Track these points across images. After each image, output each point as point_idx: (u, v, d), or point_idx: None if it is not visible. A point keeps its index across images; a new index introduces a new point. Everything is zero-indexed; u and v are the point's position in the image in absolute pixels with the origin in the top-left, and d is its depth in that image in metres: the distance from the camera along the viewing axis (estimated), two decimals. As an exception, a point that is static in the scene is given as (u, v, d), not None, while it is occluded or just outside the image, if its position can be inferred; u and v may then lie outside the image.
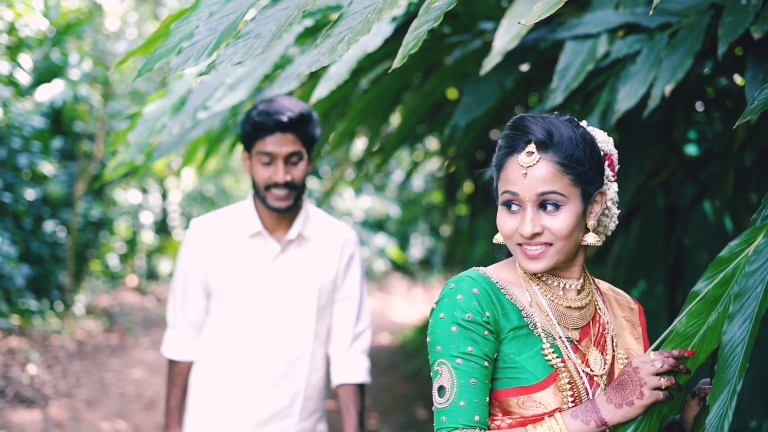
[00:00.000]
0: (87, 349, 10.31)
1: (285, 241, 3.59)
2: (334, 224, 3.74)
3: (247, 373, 3.60)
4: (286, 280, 3.61)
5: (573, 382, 2.17)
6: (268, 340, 3.59)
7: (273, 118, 3.43)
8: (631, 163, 3.66)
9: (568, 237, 2.16)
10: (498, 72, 3.75)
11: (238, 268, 3.59)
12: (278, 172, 3.45)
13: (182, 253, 3.69)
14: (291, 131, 3.46)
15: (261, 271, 3.59)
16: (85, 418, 7.79)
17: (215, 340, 3.65)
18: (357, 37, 2.26)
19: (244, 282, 3.58)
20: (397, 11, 3.77)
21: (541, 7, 2.11)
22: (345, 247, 3.70)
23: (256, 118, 3.45)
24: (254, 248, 3.60)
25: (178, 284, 3.70)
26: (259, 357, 3.59)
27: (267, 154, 3.45)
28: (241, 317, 3.60)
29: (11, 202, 9.21)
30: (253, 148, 3.48)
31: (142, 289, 15.47)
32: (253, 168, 3.51)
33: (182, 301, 3.67)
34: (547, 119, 2.19)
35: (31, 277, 9.77)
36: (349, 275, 3.70)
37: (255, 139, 3.47)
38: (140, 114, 4.20)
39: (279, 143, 3.45)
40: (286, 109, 3.45)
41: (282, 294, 3.60)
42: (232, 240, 3.61)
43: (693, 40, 3.26)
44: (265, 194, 3.50)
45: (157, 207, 15.93)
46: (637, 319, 2.40)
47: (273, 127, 3.43)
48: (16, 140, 9.24)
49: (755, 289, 2.05)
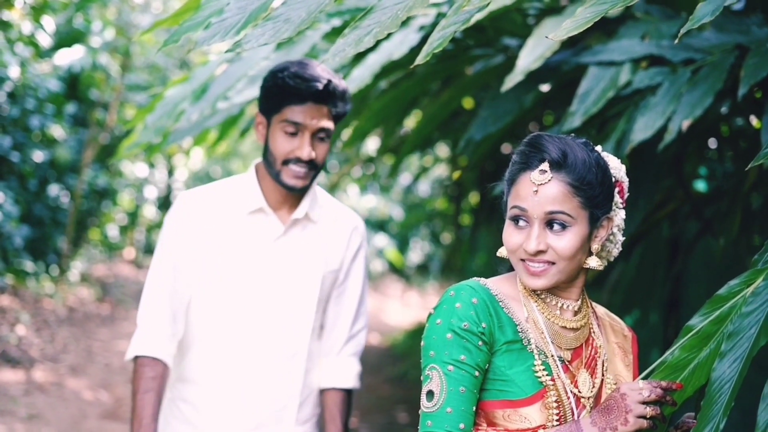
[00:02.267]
0: (77, 316, 10.34)
1: (290, 220, 3.18)
2: (342, 210, 3.35)
3: (236, 371, 3.16)
4: (288, 265, 3.19)
5: (560, 401, 2.19)
6: (262, 332, 3.17)
7: (309, 84, 3.02)
8: (640, 193, 3.68)
9: (571, 258, 2.18)
10: (518, 90, 3.77)
11: (234, 247, 3.15)
12: (303, 147, 3.04)
13: (167, 231, 3.18)
14: (326, 103, 3.06)
15: (260, 252, 3.17)
16: (69, 384, 7.82)
17: (197, 332, 3.18)
18: (384, 31, 2.27)
19: (239, 264, 3.15)
20: (426, 20, 3.79)
21: (570, 24, 2.14)
22: (353, 236, 3.32)
23: (289, 81, 3.02)
24: (254, 226, 3.17)
25: (161, 268, 3.16)
26: (251, 351, 3.16)
27: (294, 124, 3.04)
28: (233, 305, 3.15)
29: (19, 162, 9.23)
30: (277, 114, 3.06)
31: (138, 263, 15.52)
32: (273, 136, 3.08)
33: (166, 288, 3.13)
34: (563, 140, 2.21)
35: (30, 239, 9.80)
36: (354, 269, 3.32)
37: (282, 104, 3.04)
38: (161, 96, 4.20)
39: (310, 114, 3.04)
40: (323, 78, 3.04)
41: (282, 280, 3.18)
42: (229, 216, 3.17)
43: (715, 78, 3.28)
44: (281, 168, 3.08)
45: (162, 183, 15.99)
46: (629, 347, 2.42)
47: (307, 95, 3.02)
48: (30, 101, 9.27)
49: (749, 330, 2.08)
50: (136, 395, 3.03)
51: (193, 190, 3.22)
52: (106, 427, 6.99)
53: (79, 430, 6.80)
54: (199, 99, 3.97)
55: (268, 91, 3.08)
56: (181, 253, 3.14)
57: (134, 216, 14.97)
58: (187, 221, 3.15)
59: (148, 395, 3.02)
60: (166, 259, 3.15)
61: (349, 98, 3.16)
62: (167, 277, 3.14)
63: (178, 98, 4.05)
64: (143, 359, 3.06)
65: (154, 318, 3.10)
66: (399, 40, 3.72)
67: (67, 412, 7.11)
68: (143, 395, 3.02)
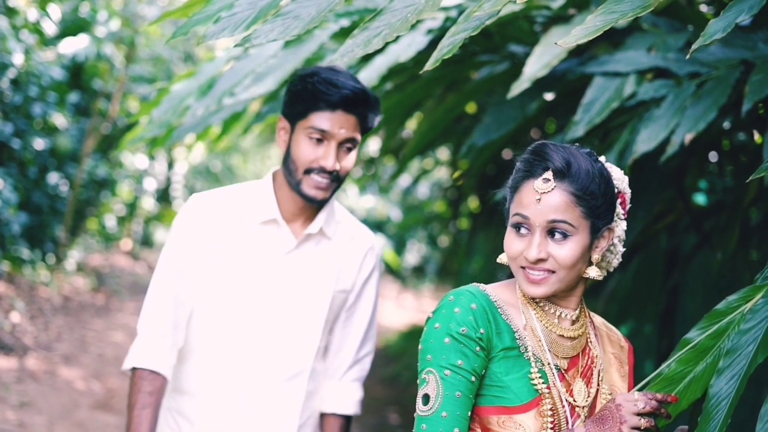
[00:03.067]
0: (72, 305, 10.34)
1: (303, 234, 3.03)
2: (358, 227, 3.20)
3: (235, 386, 3.02)
4: (297, 281, 3.04)
5: (555, 410, 2.20)
6: (265, 349, 3.02)
7: (341, 91, 2.87)
8: (640, 204, 3.69)
9: (571, 267, 2.19)
10: (522, 97, 3.78)
11: (242, 258, 3.01)
12: (329, 157, 2.89)
13: (176, 235, 3.03)
14: (355, 113, 2.91)
15: (269, 265, 3.01)
16: (61, 373, 7.82)
17: (198, 342, 3.04)
18: (393, 33, 2.28)
19: (247, 275, 3.00)
20: (434, 24, 3.79)
21: (579, 32, 2.15)
22: (368, 257, 3.18)
23: (319, 86, 2.87)
24: (265, 237, 3.02)
25: (166, 273, 3.01)
26: (252, 368, 3.02)
27: (320, 131, 2.88)
28: (236, 317, 3.01)
29: (19, 149, 9.23)
30: (303, 120, 2.90)
31: (134, 254, 15.52)
32: (296, 143, 2.92)
33: (169, 295, 2.98)
34: (567, 149, 2.22)
35: (28, 226, 9.80)
36: (366, 292, 3.19)
37: (309, 110, 2.88)
38: (167, 90, 4.20)
39: (339, 123, 2.88)
40: (354, 86, 2.90)
41: (290, 296, 3.03)
42: (240, 224, 3.02)
43: (720, 93, 3.29)
44: (303, 177, 2.92)
45: (161, 175, 15.99)
46: (625, 358, 2.43)
47: (337, 101, 2.86)
48: (33, 88, 9.26)
49: (747, 347, 2.09)
50: (133, 410, 2.91)
51: (206, 194, 3.07)
52: (98, 418, 6.99)
53: (70, 419, 6.80)
54: (205, 95, 3.97)
55: (295, 96, 2.93)
56: (187, 259, 3.00)
57: (133, 207, 14.97)
58: (197, 226, 3.00)
59: (145, 412, 2.90)
60: (171, 263, 3.01)
61: (380, 111, 3.02)
62: (171, 283, 2.99)
63: (184, 93, 4.05)
64: (142, 372, 2.93)
65: (156, 327, 2.97)
66: (407, 42, 3.73)
67: (59, 401, 7.11)
68: (140, 411, 2.90)
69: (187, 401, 3.05)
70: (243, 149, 17.28)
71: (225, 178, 17.71)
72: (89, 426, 6.77)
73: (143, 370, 2.93)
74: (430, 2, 2.28)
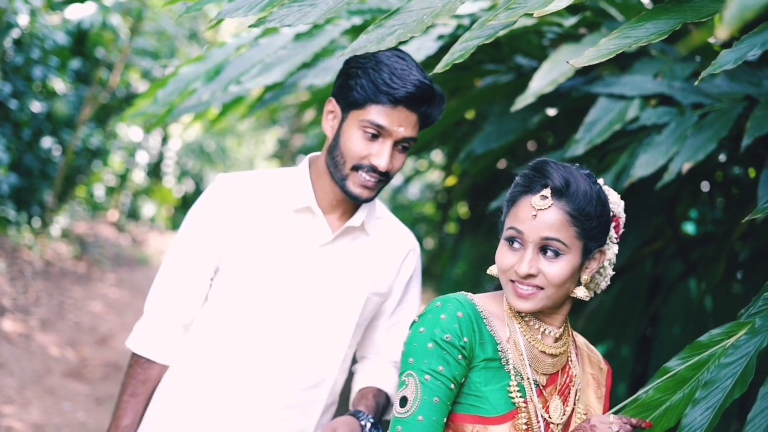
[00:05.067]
0: (53, 270, 10.32)
1: (343, 227, 2.72)
2: (399, 226, 2.89)
3: (248, 391, 2.70)
4: (331, 277, 2.73)
5: (530, 424, 2.22)
6: (287, 351, 2.70)
7: (406, 87, 2.55)
8: (632, 229, 3.71)
9: (560, 285, 2.20)
10: (525, 110, 3.79)
11: (273, 248, 2.70)
12: (383, 155, 2.58)
13: (200, 216, 2.74)
14: (418, 111, 2.59)
15: (302, 258, 2.71)
16: (37, 338, 7.80)
17: (207, 342, 2.74)
18: (408, 34, 2.29)
19: (277, 268, 2.69)
20: (445, 30, 3.80)
21: (592, 53, 2.17)
22: (409, 258, 2.87)
23: (385, 77, 2.55)
24: (299, 227, 2.71)
25: (184, 255, 2.74)
26: (269, 370, 2.70)
27: (377, 127, 2.57)
28: (258, 314, 2.69)
29: (16, 110, 9.20)
30: (358, 111, 2.59)
31: (120, 226, 15.49)
32: (347, 134, 2.61)
33: (182, 281, 2.73)
34: (568, 169, 2.23)
35: (17, 188, 9.77)
36: (409, 297, 2.88)
37: (368, 101, 2.56)
38: (176, 73, 4.20)
39: (399, 120, 2.57)
40: (421, 80, 2.57)
41: (322, 293, 2.72)
42: (272, 211, 2.72)
43: (721, 125, 3.31)
44: (350, 173, 2.62)
45: (155, 149, 15.96)
46: (603, 380, 2.45)
47: (402, 97, 2.55)
48: (36, 51, 9.24)
49: (725, 381, 2.11)
50: (122, 395, 2.74)
51: (234, 176, 2.78)
52: (68, 385, 6.98)
53: (41, 384, 6.79)
54: (212, 80, 3.96)
55: (353, 82, 2.60)
56: (210, 244, 2.71)
57: (123, 179, 14.94)
58: (225, 209, 2.71)
59: (133, 401, 2.72)
60: (191, 246, 2.73)
61: (444, 107, 2.69)
62: (190, 266, 2.73)
63: (192, 77, 4.04)
64: (139, 358, 2.74)
65: (164, 312, 2.74)
66: (416, 46, 3.74)
67: (31, 365, 7.10)
68: (128, 398, 2.73)
69: (191, 401, 2.74)
70: (238, 132, 17.25)
71: (218, 159, 17.68)
72: (59, 393, 6.76)
73: (140, 357, 2.75)
74: (446, 7, 2.29)
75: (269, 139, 19.44)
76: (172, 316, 2.74)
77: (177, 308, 2.73)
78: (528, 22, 3.43)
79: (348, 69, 2.64)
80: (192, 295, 2.74)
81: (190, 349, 2.76)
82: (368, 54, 2.58)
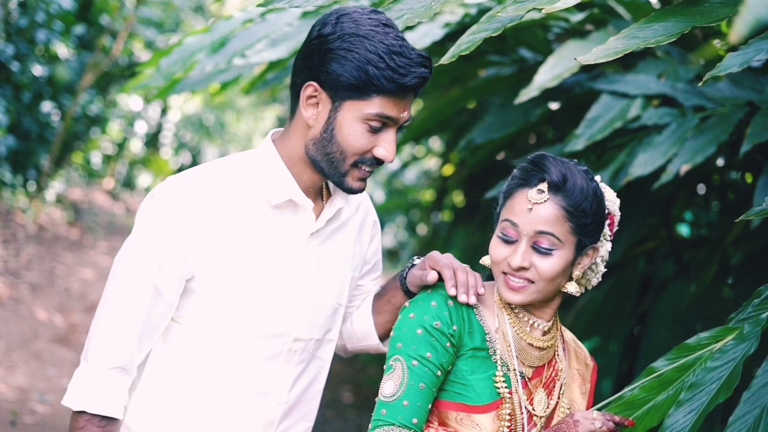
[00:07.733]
0: (46, 235, 10.31)
1: (322, 212, 2.38)
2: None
3: (236, 410, 2.34)
4: (321, 266, 2.39)
5: (513, 415, 2.23)
6: (280, 360, 2.36)
7: (417, 71, 2.18)
8: (626, 227, 3.72)
9: (551, 280, 2.21)
10: (527, 102, 3.79)
11: (258, 249, 2.29)
12: (389, 146, 2.22)
13: (149, 239, 2.23)
14: (418, 91, 2.24)
15: (292, 252, 2.33)
16: (26, 301, 7.81)
17: (188, 356, 2.31)
18: (415, 19, 2.28)
19: (268, 268, 2.30)
20: (452, 18, 3.80)
21: (600, 51, 2.17)
22: (375, 225, 2.57)
23: (387, 60, 2.14)
24: (280, 220, 2.32)
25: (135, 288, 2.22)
26: (261, 386, 2.35)
27: (385, 119, 2.20)
28: (258, 316, 2.31)
29: (17, 72, 9.17)
30: (360, 101, 2.18)
31: (115, 194, 15.47)
32: (346, 128, 2.20)
33: (138, 317, 2.22)
34: (566, 164, 2.24)
35: (14, 150, 9.75)
36: (374, 243, 2.57)
37: (371, 90, 2.17)
38: (180, 43, 4.19)
39: (405, 105, 2.22)
40: (424, 61, 2.19)
41: (315, 285, 2.39)
42: (246, 209, 2.29)
43: (721, 130, 3.32)
44: (349, 169, 2.24)
45: (154, 120, 15.93)
46: (589, 376, 2.47)
47: (412, 85, 2.18)
48: (41, 14, 9.20)
49: (710, 384, 2.12)
50: None
51: (186, 178, 2.29)
52: (55, 351, 6.99)
53: (28, 348, 6.80)
54: (216, 52, 3.95)
55: (346, 67, 2.16)
56: (168, 271, 2.23)
57: (121, 147, 14.91)
58: (186, 220, 2.23)
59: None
60: (143, 276, 2.23)
61: None
62: (142, 300, 2.23)
63: (196, 47, 4.04)
64: (91, 417, 2.21)
65: (115, 358, 2.23)
66: (423, 32, 3.74)
67: (19, 329, 7.10)
68: None
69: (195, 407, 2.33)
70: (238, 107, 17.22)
71: (216, 133, 17.65)
72: (46, 358, 6.77)
73: (93, 416, 2.21)
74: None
75: (269, 116, 19.41)
76: (123, 362, 2.24)
77: (129, 351, 2.25)
78: (535, 15, 3.42)
79: (328, 46, 2.19)
80: (147, 329, 2.26)
81: (169, 363, 2.32)
82: (347, 25, 2.19)
